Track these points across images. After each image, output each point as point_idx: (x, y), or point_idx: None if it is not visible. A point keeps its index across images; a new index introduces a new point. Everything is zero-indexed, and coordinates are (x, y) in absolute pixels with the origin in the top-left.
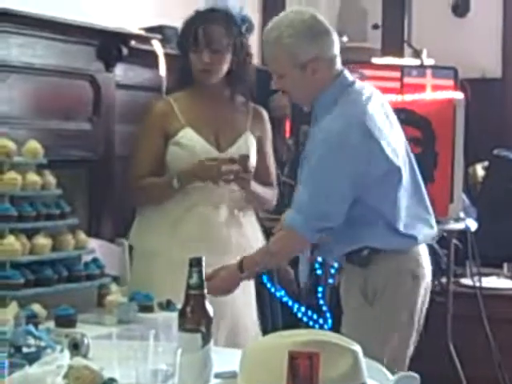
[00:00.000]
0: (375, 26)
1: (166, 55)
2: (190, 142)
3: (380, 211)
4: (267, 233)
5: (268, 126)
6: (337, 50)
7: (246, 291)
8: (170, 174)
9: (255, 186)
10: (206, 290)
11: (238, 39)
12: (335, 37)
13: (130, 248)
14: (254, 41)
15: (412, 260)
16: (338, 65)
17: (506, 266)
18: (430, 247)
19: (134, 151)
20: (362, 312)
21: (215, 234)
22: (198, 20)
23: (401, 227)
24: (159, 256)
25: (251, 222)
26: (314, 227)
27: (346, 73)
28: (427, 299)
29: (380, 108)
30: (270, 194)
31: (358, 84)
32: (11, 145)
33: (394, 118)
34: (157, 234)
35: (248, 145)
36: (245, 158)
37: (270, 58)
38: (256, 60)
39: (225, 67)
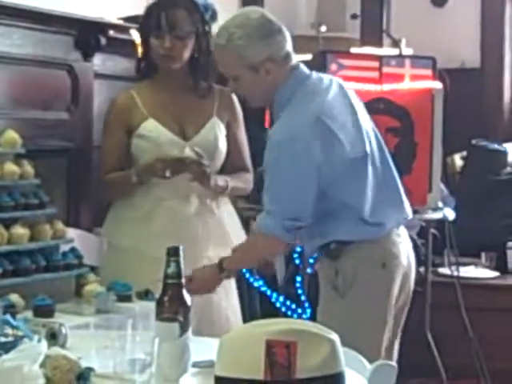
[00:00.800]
0: (354, 16)
1: None
2: (154, 133)
3: (345, 203)
4: (246, 222)
5: (237, 108)
6: (289, 46)
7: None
8: (131, 168)
9: (220, 179)
10: (183, 280)
11: (200, 26)
12: (286, 33)
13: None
14: None
15: (381, 249)
16: (293, 60)
17: (483, 255)
18: (409, 237)
19: (101, 147)
20: (333, 304)
21: (185, 226)
22: (161, 5)
23: (367, 217)
24: (131, 251)
25: (227, 210)
26: (286, 228)
27: (302, 66)
28: (408, 287)
29: (340, 97)
30: (242, 181)
31: (315, 76)
32: None
33: (359, 105)
34: (127, 229)
35: (215, 131)
36: (196, 158)
37: (221, 61)
38: None
39: (187, 54)
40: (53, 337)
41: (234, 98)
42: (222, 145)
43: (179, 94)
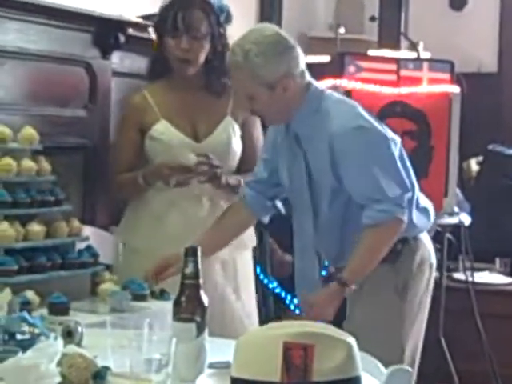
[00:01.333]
0: (372, 19)
1: None
2: (165, 135)
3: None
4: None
5: None
6: (303, 63)
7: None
8: (139, 170)
9: (232, 178)
10: (201, 280)
11: (216, 28)
12: (299, 50)
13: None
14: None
15: (427, 249)
16: (307, 77)
17: (498, 260)
18: None
19: (115, 146)
20: (394, 309)
21: (197, 229)
22: (177, 5)
23: (421, 202)
24: (144, 252)
25: None
26: (402, 205)
27: (315, 82)
28: None
29: None
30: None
31: (328, 90)
32: (7, 131)
33: None
34: (141, 230)
35: (228, 131)
36: (205, 159)
37: (236, 80)
38: None
39: (203, 56)
40: (69, 335)
41: None
42: (236, 145)
43: (193, 94)
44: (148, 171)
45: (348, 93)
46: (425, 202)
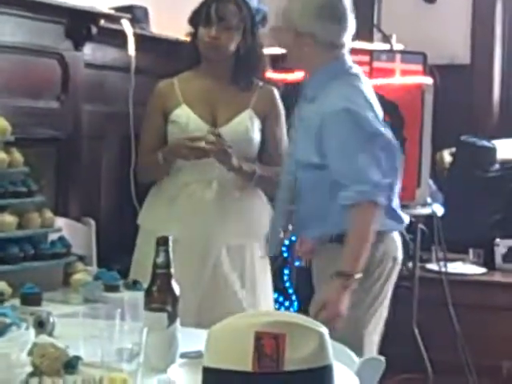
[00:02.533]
0: None
1: (136, 35)
2: (183, 118)
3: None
4: None
5: (278, 105)
6: (341, 38)
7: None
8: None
9: (246, 164)
10: (172, 270)
11: (249, 23)
12: (344, 27)
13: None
14: None
15: (394, 243)
16: (338, 52)
17: (471, 251)
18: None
19: (141, 130)
20: (352, 295)
21: (203, 211)
22: None
23: (395, 206)
24: (156, 234)
25: (254, 200)
26: (381, 189)
27: (347, 58)
28: None
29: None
30: (273, 172)
31: (355, 73)
32: None
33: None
34: (155, 213)
35: (246, 122)
36: (214, 134)
37: (277, 11)
38: None
39: (232, 46)
40: (40, 325)
41: (276, 94)
42: (255, 136)
43: (218, 84)
44: (167, 149)
45: None
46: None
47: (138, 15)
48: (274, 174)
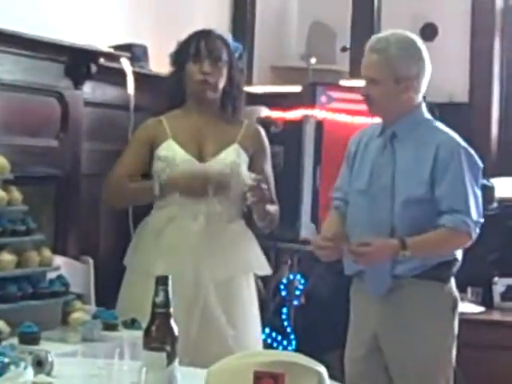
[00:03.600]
0: (344, 49)
1: (135, 73)
2: (170, 152)
3: None
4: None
5: (264, 142)
6: (423, 81)
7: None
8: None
9: (271, 207)
10: (171, 310)
11: (234, 59)
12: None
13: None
14: None
15: None
16: (421, 96)
17: (469, 290)
18: None
19: (122, 154)
20: (445, 328)
21: (191, 241)
22: (199, 35)
23: None
24: (139, 272)
25: (239, 232)
26: (478, 225)
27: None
28: None
29: None
30: (275, 213)
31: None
32: None
33: None
34: (141, 249)
35: (233, 157)
36: (255, 183)
37: (370, 63)
38: None
39: (222, 83)
40: (39, 364)
41: (262, 132)
42: (242, 169)
43: (205, 121)
44: (169, 180)
45: (320, 123)
46: None
47: (137, 53)
48: (276, 212)
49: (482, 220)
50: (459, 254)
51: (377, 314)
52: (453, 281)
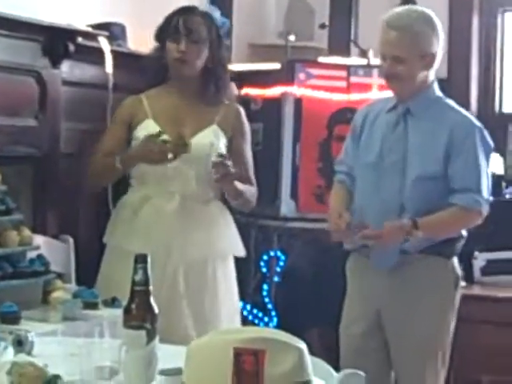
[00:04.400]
0: (322, 26)
1: (113, 52)
2: (147, 132)
3: None
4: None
5: (243, 123)
6: (440, 57)
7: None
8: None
9: (238, 183)
10: (151, 288)
11: (215, 37)
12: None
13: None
14: None
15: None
16: (434, 73)
17: None
18: None
19: (102, 136)
20: (448, 303)
21: (166, 223)
22: (180, 12)
23: None
24: (117, 249)
25: (216, 212)
26: (488, 202)
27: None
28: None
29: None
30: (250, 193)
31: None
32: None
33: None
34: (119, 228)
35: (211, 137)
36: (221, 159)
37: (393, 41)
38: None
39: (200, 61)
40: (19, 344)
41: (242, 112)
42: (216, 152)
43: (186, 100)
44: (128, 153)
45: (298, 100)
46: None
47: (115, 32)
48: (251, 195)
49: (491, 198)
50: (464, 230)
51: (382, 289)
52: (455, 257)
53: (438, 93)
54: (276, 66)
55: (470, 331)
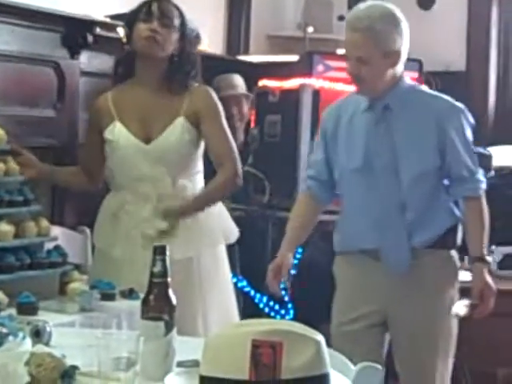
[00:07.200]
0: (341, 18)
1: None
2: (115, 136)
3: None
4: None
5: (212, 102)
6: (406, 50)
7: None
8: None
9: (181, 207)
10: (169, 279)
11: (187, 29)
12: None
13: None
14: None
15: None
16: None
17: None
18: None
19: None
20: (453, 295)
21: (142, 227)
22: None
23: None
24: (101, 252)
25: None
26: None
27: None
28: None
29: None
30: (211, 189)
31: None
32: None
33: None
34: (102, 230)
35: (177, 133)
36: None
37: (357, 43)
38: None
39: (169, 45)
40: (37, 335)
41: (210, 93)
42: (187, 148)
43: (150, 92)
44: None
45: (316, 92)
46: None
47: None
48: (215, 188)
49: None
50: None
51: (391, 288)
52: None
53: (409, 81)
54: (294, 57)
55: (487, 324)
